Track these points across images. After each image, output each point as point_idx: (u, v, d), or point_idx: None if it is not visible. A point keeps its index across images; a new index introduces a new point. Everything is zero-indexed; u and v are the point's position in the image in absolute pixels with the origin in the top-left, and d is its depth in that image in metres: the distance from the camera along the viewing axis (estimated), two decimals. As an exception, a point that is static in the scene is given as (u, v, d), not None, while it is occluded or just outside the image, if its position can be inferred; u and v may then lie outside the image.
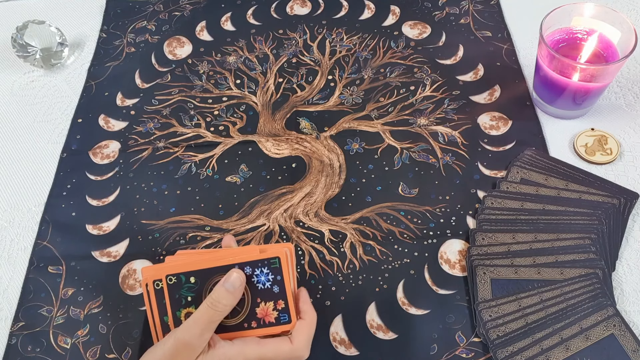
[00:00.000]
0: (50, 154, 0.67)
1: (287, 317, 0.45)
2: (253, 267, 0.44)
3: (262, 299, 0.45)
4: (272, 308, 0.45)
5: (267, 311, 0.45)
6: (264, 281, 0.44)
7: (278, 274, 0.44)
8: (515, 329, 0.50)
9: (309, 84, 0.70)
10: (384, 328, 0.52)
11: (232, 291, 0.42)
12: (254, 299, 0.44)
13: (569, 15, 0.60)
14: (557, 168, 0.60)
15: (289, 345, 0.43)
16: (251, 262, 0.44)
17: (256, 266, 0.44)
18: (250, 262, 0.44)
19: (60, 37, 0.74)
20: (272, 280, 0.44)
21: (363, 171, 0.62)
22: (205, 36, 0.77)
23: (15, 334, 0.54)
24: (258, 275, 0.44)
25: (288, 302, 0.45)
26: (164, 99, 0.71)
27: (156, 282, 0.44)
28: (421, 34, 0.74)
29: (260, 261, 0.44)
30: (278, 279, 0.44)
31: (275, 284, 0.44)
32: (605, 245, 0.54)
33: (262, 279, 0.44)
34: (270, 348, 0.43)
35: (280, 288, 0.44)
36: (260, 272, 0.44)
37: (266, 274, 0.44)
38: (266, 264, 0.44)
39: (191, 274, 0.44)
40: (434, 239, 0.57)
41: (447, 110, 0.66)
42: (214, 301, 0.42)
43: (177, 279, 0.44)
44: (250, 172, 0.63)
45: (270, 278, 0.44)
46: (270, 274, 0.44)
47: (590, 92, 0.60)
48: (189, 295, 0.44)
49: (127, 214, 0.61)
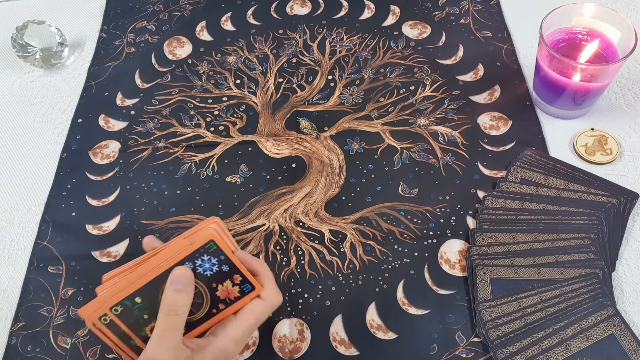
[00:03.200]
0: (50, 154, 0.67)
1: (249, 285, 0.43)
2: (192, 260, 0.42)
3: (217, 282, 0.43)
4: (231, 285, 0.43)
5: (228, 290, 0.43)
6: (209, 267, 0.42)
7: (219, 254, 0.42)
8: (515, 329, 0.50)
9: (309, 84, 0.70)
10: (384, 328, 0.52)
11: (182, 289, 0.41)
12: (209, 286, 0.43)
13: (569, 15, 0.60)
14: (557, 168, 0.60)
15: (262, 302, 0.44)
16: (188, 257, 0.42)
17: (194, 258, 0.42)
18: (187, 257, 0.42)
19: (60, 37, 0.74)
20: (217, 263, 0.42)
21: (363, 171, 0.62)
22: (205, 36, 0.77)
23: (15, 334, 0.54)
24: (201, 265, 0.42)
25: (242, 273, 0.43)
26: (164, 99, 0.71)
27: (102, 317, 0.41)
28: (421, 34, 0.74)
29: (196, 252, 0.42)
30: (222, 258, 0.42)
31: (222, 264, 0.43)
32: (605, 245, 0.54)
33: (207, 266, 0.42)
34: (249, 317, 0.43)
35: (228, 265, 0.43)
36: (202, 262, 0.42)
37: (208, 260, 0.42)
38: (203, 252, 0.42)
39: (134, 295, 0.41)
40: (434, 239, 0.57)
41: (447, 110, 0.66)
42: (169, 307, 0.40)
43: (123, 306, 0.41)
44: (250, 172, 0.63)
45: (215, 261, 0.42)
46: (212, 258, 0.42)
47: (590, 92, 0.60)
48: (143, 314, 0.42)
49: (127, 214, 0.61)
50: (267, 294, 0.44)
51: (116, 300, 0.41)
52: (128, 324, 0.42)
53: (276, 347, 0.52)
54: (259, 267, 0.45)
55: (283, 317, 0.53)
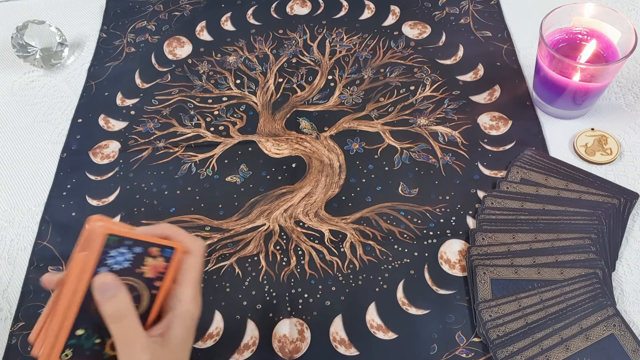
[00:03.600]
0: (50, 154, 0.67)
1: (167, 249, 0.41)
2: (102, 263, 0.39)
3: (138, 266, 0.40)
4: (152, 260, 0.41)
5: (152, 266, 0.41)
6: (123, 260, 0.40)
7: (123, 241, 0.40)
8: (515, 329, 0.50)
9: (309, 84, 0.70)
10: (384, 328, 0.52)
11: (112, 294, 0.38)
12: (135, 273, 0.40)
13: (569, 15, 0.60)
14: (557, 168, 0.60)
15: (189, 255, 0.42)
16: (97, 264, 0.39)
17: (104, 261, 0.39)
18: (92, 265, 0.39)
19: (60, 37, 0.74)
20: (127, 250, 0.40)
21: (363, 171, 0.62)
22: (205, 36, 0.77)
23: (15, 334, 0.54)
24: (115, 261, 0.39)
25: (154, 242, 0.41)
26: (164, 99, 0.71)
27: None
28: (421, 34, 0.74)
29: (102, 253, 0.39)
30: (128, 243, 0.40)
31: (131, 248, 0.40)
32: (605, 245, 0.54)
33: (120, 259, 0.40)
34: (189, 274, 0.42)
35: (138, 245, 0.40)
36: (113, 259, 0.39)
37: (117, 253, 0.39)
38: (107, 250, 0.39)
39: (73, 331, 0.38)
40: (434, 239, 0.57)
41: (447, 110, 0.66)
42: (113, 317, 0.38)
43: (70, 347, 0.38)
44: (250, 172, 0.63)
45: (124, 250, 0.40)
46: (120, 249, 0.40)
47: (590, 92, 0.60)
48: (94, 340, 0.40)
49: (127, 214, 0.61)
50: (188, 245, 0.42)
51: (59, 348, 0.38)
52: (86, 358, 0.40)
53: (276, 347, 0.52)
54: (164, 230, 0.43)
55: (283, 317, 0.53)
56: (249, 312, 0.54)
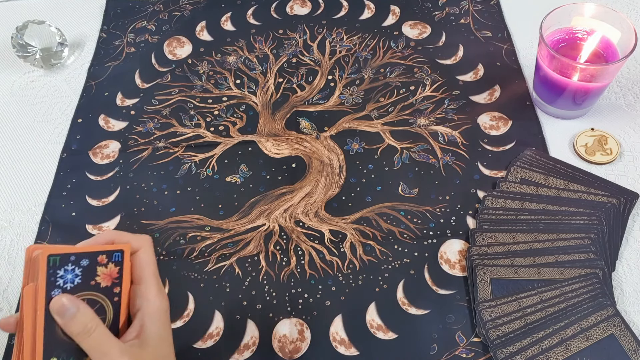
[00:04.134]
0: (50, 154, 0.67)
1: (117, 254, 0.40)
2: (53, 286, 0.37)
3: (90, 279, 0.39)
4: (103, 269, 0.40)
5: (105, 274, 0.40)
6: (73, 277, 0.38)
7: (68, 258, 0.38)
8: (515, 329, 0.50)
9: (309, 84, 0.70)
10: (384, 328, 0.52)
11: (73, 312, 0.38)
12: (89, 287, 0.39)
13: (569, 15, 0.60)
14: (557, 168, 0.60)
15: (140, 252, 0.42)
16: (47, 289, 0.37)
17: (54, 284, 0.37)
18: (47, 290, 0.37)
19: (60, 37, 0.74)
20: (73, 267, 0.38)
21: (363, 171, 0.62)
22: (205, 36, 0.77)
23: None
24: (64, 281, 0.38)
25: (100, 250, 0.39)
26: (164, 99, 0.71)
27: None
28: (421, 34, 0.74)
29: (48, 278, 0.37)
30: (73, 259, 0.38)
31: (78, 262, 0.39)
32: (605, 245, 0.54)
33: (69, 277, 0.38)
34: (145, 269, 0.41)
35: (85, 258, 0.39)
36: (61, 279, 0.38)
37: (64, 271, 0.38)
38: (52, 272, 0.37)
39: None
40: (434, 239, 0.57)
41: (447, 110, 0.66)
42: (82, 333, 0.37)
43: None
44: (250, 172, 0.63)
45: (70, 267, 0.38)
46: (66, 267, 0.38)
47: (590, 92, 0.60)
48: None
49: (127, 214, 0.61)
50: (135, 243, 0.42)
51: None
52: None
53: (276, 347, 0.52)
54: (107, 237, 0.42)
55: (283, 317, 0.53)
56: (249, 312, 0.54)
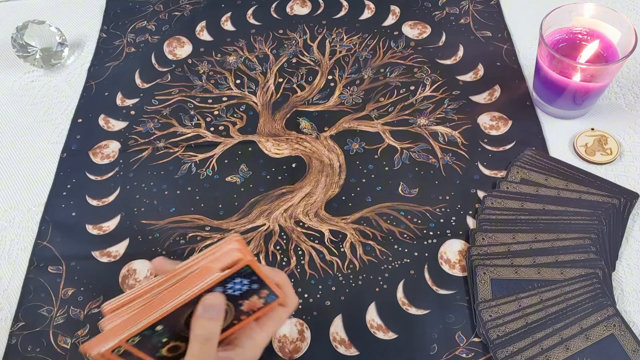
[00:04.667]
0: (50, 154, 0.67)
1: (273, 296, 0.42)
2: (224, 284, 0.39)
3: (244, 299, 0.41)
4: (257, 298, 0.42)
5: (253, 303, 0.42)
6: (240, 288, 0.40)
7: (252, 275, 0.40)
8: (515, 329, 0.50)
9: (309, 84, 0.70)
10: (384, 328, 0.52)
11: (215, 317, 0.39)
12: (236, 302, 0.41)
13: (569, 15, 0.60)
14: (557, 168, 0.60)
15: (283, 309, 0.44)
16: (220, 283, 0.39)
17: (227, 282, 0.39)
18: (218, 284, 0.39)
19: (60, 37, 0.74)
20: (248, 283, 0.40)
21: (363, 171, 0.62)
22: (205, 36, 0.77)
23: (15, 334, 0.54)
24: (232, 287, 0.40)
25: (270, 287, 0.41)
26: (164, 99, 0.71)
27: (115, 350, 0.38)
28: (421, 34, 0.74)
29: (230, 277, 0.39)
30: (254, 278, 0.40)
31: (253, 283, 0.40)
32: (605, 245, 0.54)
33: (238, 287, 0.40)
34: (272, 323, 0.44)
35: (259, 283, 0.41)
36: (233, 284, 0.39)
37: (240, 282, 0.40)
38: (236, 276, 0.39)
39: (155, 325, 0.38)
40: (434, 239, 0.57)
41: (447, 110, 0.66)
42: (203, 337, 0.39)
43: (141, 336, 0.38)
44: (250, 172, 0.63)
45: (246, 282, 0.40)
46: (244, 280, 0.40)
47: (590, 92, 0.60)
48: (162, 338, 0.40)
49: (127, 214, 0.61)
50: (288, 300, 0.44)
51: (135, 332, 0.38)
52: (145, 349, 0.39)
53: (276, 347, 0.52)
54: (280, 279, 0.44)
55: (283, 317, 0.53)
56: (249, 312, 0.54)
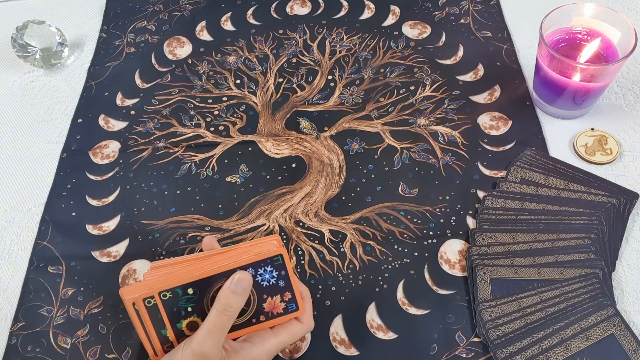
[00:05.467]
0: (50, 154, 0.67)
1: (294, 305, 0.45)
2: (256, 267, 0.44)
3: (268, 294, 0.44)
4: (279, 300, 0.45)
5: (274, 304, 0.45)
6: (268, 279, 0.44)
7: (282, 269, 0.44)
8: (515, 329, 0.50)
9: (309, 84, 0.70)
10: (384, 328, 0.52)
11: (240, 292, 0.42)
12: (260, 296, 0.44)
13: (569, 15, 0.60)
14: (557, 168, 0.60)
15: (300, 325, 0.46)
16: (254, 264, 0.44)
17: (259, 266, 0.44)
18: (252, 264, 0.44)
19: (60, 37, 0.74)
20: (276, 277, 0.44)
21: (363, 171, 0.62)
22: (205, 36, 0.77)
23: (15, 334, 0.54)
24: (262, 274, 0.44)
25: (294, 292, 0.45)
26: (164, 99, 0.71)
27: (147, 299, 0.42)
28: (421, 34, 0.74)
29: (262, 261, 0.44)
30: (282, 274, 0.44)
31: (280, 279, 0.44)
32: (605, 245, 0.54)
33: (267, 276, 0.44)
34: (286, 335, 0.45)
35: (285, 282, 0.44)
36: (264, 271, 0.44)
37: (270, 271, 0.44)
38: (269, 262, 0.44)
39: (189, 286, 0.42)
40: (434, 239, 0.57)
41: (447, 110, 0.66)
42: (224, 306, 0.41)
43: (173, 293, 0.42)
44: (250, 172, 0.63)
45: (275, 274, 0.44)
46: (274, 271, 0.44)
47: (590, 92, 0.60)
48: (188, 306, 0.43)
49: (127, 214, 0.61)
50: (305, 318, 0.46)
51: (170, 285, 0.42)
52: (169, 311, 0.43)
53: (276, 347, 0.52)
54: (303, 291, 0.47)
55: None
56: (249, 312, 0.54)
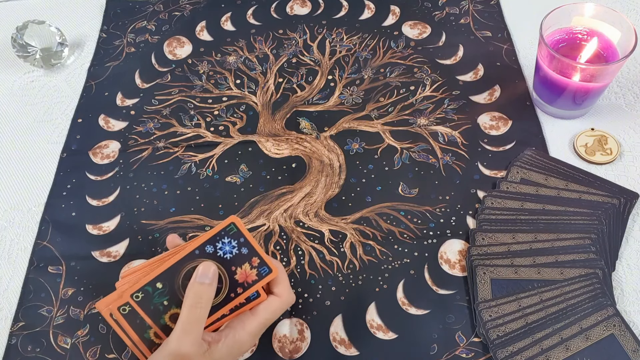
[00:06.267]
0: (50, 154, 0.67)
1: (266, 268, 0.45)
2: (213, 243, 0.44)
3: (236, 265, 0.45)
4: (249, 268, 0.45)
5: (246, 273, 0.45)
6: (229, 250, 0.44)
7: (239, 237, 0.44)
8: (515, 329, 0.50)
9: (309, 84, 0.70)
10: (384, 328, 0.52)
11: (208, 282, 0.42)
12: (229, 269, 0.44)
13: (569, 15, 0.60)
14: (557, 168, 0.60)
15: (279, 300, 0.46)
16: (209, 240, 0.44)
17: (215, 241, 0.44)
18: (208, 240, 0.44)
19: (60, 37, 0.74)
20: (237, 245, 0.44)
21: (363, 171, 0.62)
22: (205, 36, 0.77)
23: (15, 334, 0.54)
24: (222, 247, 0.44)
25: (260, 255, 0.45)
26: (164, 99, 0.71)
27: (121, 307, 0.43)
28: (421, 34, 0.74)
29: (217, 234, 0.44)
30: (242, 241, 0.44)
31: (241, 247, 0.44)
32: (605, 245, 0.54)
33: (227, 248, 0.44)
34: (265, 312, 0.45)
35: (247, 247, 0.45)
36: (222, 244, 0.44)
37: (228, 242, 0.44)
38: (224, 234, 0.44)
39: (156, 280, 0.43)
40: (434, 239, 0.57)
41: (447, 110, 0.66)
42: (194, 301, 0.42)
43: (144, 292, 0.43)
44: (250, 172, 0.63)
45: (235, 244, 0.44)
46: (232, 241, 0.44)
47: (590, 92, 0.60)
48: (163, 300, 0.43)
49: (127, 214, 0.61)
50: (281, 292, 0.46)
51: (138, 286, 0.42)
52: (147, 311, 0.43)
53: (276, 347, 0.52)
54: (275, 264, 0.46)
55: (283, 317, 0.53)
56: (249, 312, 0.54)
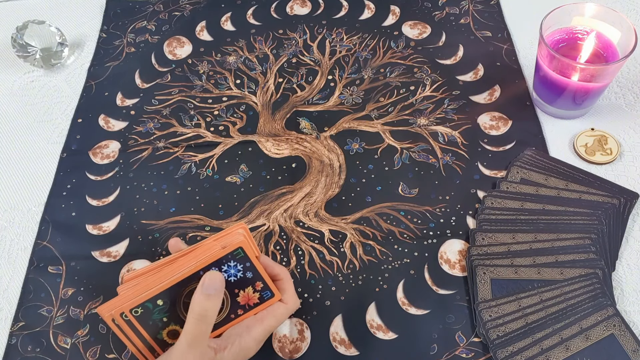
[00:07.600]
0: (50, 154, 0.67)
1: (269, 292, 0.45)
2: (219, 265, 0.43)
3: (239, 288, 0.44)
4: (252, 292, 0.45)
5: (248, 296, 0.45)
6: (234, 273, 0.44)
7: (246, 261, 0.44)
8: (515, 329, 0.50)
9: (309, 84, 0.70)
10: (384, 328, 0.52)
11: (214, 294, 0.41)
12: (232, 291, 0.44)
13: (569, 15, 0.60)
14: (557, 168, 0.60)
15: (284, 306, 0.46)
16: (216, 262, 0.43)
17: (221, 264, 0.43)
18: (214, 262, 0.43)
19: (60, 37, 0.74)
20: (242, 270, 0.44)
21: (363, 171, 0.62)
22: (205, 36, 0.77)
23: (15, 334, 0.54)
24: (227, 270, 0.44)
25: (265, 280, 0.45)
26: (164, 99, 0.71)
27: (123, 314, 0.42)
28: (421, 34, 0.74)
29: (224, 257, 0.43)
30: (247, 265, 0.44)
31: (246, 271, 0.44)
32: (605, 245, 0.54)
33: (232, 272, 0.44)
34: (271, 319, 0.45)
35: (252, 272, 0.44)
36: (228, 267, 0.44)
37: (234, 266, 0.44)
38: (230, 258, 0.43)
39: (157, 298, 0.42)
40: (434, 239, 0.57)
41: (447, 110, 0.66)
42: (199, 314, 0.40)
43: (143, 308, 0.42)
44: (250, 172, 0.63)
45: (240, 268, 0.44)
46: (238, 265, 0.44)
47: (590, 92, 0.60)
48: (162, 316, 0.43)
49: (127, 214, 0.61)
50: (287, 298, 0.46)
51: (138, 302, 0.41)
52: (146, 326, 0.42)
53: (276, 347, 0.52)
54: (280, 272, 0.47)
55: (283, 317, 0.53)
56: (249, 312, 0.54)
